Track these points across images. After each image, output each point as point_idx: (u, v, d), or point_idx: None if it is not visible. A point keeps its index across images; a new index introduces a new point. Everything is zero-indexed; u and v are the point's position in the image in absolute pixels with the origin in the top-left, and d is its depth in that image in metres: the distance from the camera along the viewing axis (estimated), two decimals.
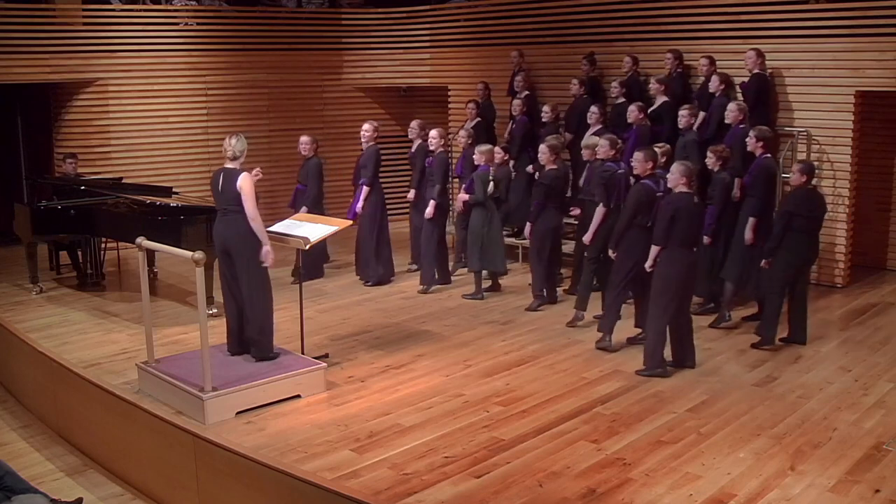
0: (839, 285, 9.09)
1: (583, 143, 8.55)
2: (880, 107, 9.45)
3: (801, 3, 9.07)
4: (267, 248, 6.29)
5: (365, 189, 9.17)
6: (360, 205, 9.18)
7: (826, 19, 8.87)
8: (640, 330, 7.32)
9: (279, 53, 12.48)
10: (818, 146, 9.04)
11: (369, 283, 9.44)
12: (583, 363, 6.97)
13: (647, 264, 6.65)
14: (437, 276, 9.27)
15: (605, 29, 10.55)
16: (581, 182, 8.71)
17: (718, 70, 9.13)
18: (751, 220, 7.55)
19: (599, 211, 7.67)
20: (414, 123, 9.70)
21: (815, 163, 8.47)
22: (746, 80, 8.95)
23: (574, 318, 7.87)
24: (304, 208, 9.06)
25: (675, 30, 9.93)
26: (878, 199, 9.86)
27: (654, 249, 6.58)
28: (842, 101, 8.83)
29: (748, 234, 7.54)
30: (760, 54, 8.85)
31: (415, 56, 12.81)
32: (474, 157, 8.80)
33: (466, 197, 8.73)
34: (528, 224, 8.31)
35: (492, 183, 8.69)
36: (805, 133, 9.06)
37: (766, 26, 9.21)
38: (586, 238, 7.82)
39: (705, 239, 7.65)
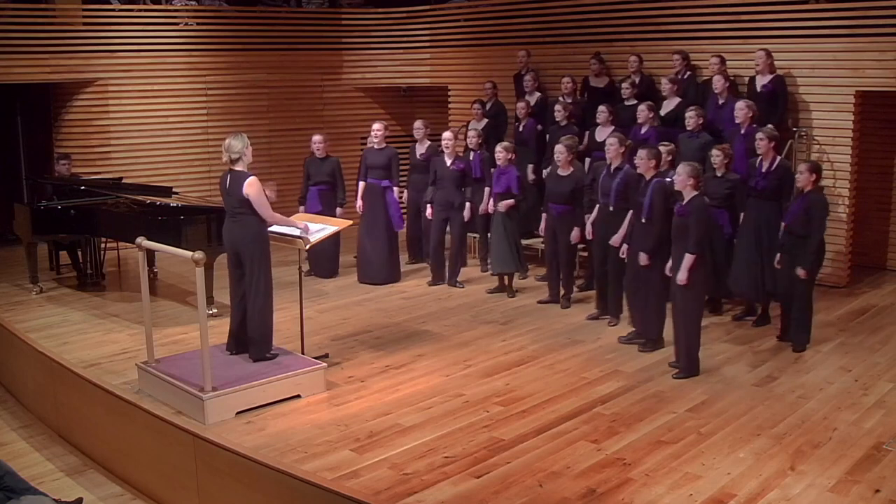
0: (839, 285, 9.09)
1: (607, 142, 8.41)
2: (880, 107, 9.45)
3: (801, 3, 9.07)
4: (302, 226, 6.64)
5: (396, 190, 9.31)
6: (396, 209, 9.33)
7: (826, 19, 8.86)
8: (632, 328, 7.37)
9: (279, 53, 12.48)
10: (818, 146, 9.05)
11: (385, 283, 9.46)
12: (583, 363, 6.97)
13: (684, 277, 6.40)
14: (447, 276, 9.36)
15: (606, 29, 10.55)
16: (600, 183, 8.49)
17: (724, 70, 9.06)
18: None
19: (631, 216, 7.33)
20: (419, 123, 9.69)
21: (819, 162, 8.45)
22: (766, 82, 8.84)
23: (609, 321, 7.89)
24: (339, 210, 9.13)
25: (676, 30, 9.93)
26: (878, 199, 9.86)
27: (689, 259, 6.35)
28: (842, 101, 8.83)
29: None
30: (770, 54, 8.81)
31: (415, 56, 12.81)
32: (498, 155, 8.68)
33: (512, 202, 8.60)
34: (576, 229, 8.07)
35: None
36: (805, 133, 9.07)
37: (767, 26, 9.20)
38: (615, 240, 7.48)
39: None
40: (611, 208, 7.58)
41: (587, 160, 9.35)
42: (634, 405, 6.10)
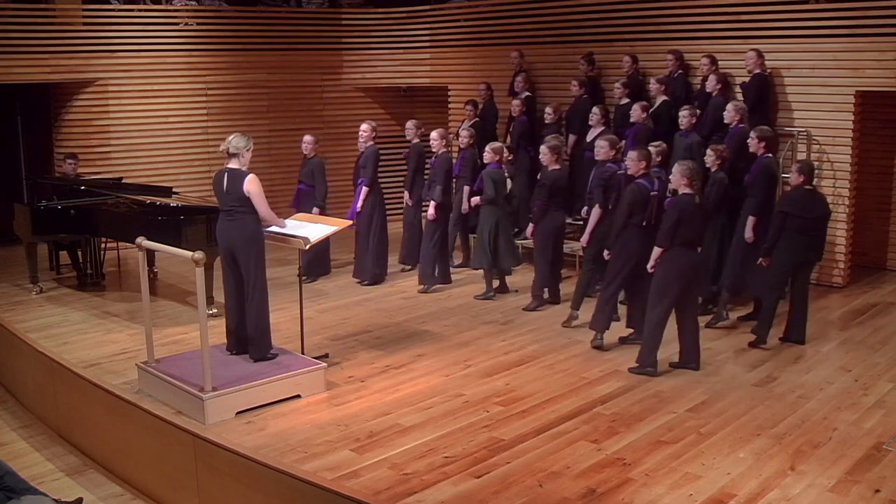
0: (839, 285, 9.09)
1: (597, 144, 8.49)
2: (880, 107, 9.45)
3: (801, 3, 9.07)
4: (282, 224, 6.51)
5: (364, 189, 9.20)
6: (359, 204, 9.21)
7: (826, 19, 8.87)
8: (631, 329, 7.37)
9: (279, 53, 12.49)
10: (818, 146, 9.05)
11: (365, 283, 9.46)
12: (583, 363, 6.97)
13: (649, 265, 6.62)
14: (437, 276, 9.27)
15: (604, 29, 10.56)
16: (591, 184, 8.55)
17: (717, 70, 9.13)
18: (751, 218, 7.57)
19: (596, 212, 7.64)
20: (410, 123, 9.72)
21: (815, 163, 8.47)
22: (747, 80, 8.95)
23: (569, 318, 7.89)
24: (315, 210, 9.05)
25: (674, 30, 9.93)
26: (878, 199, 9.86)
27: (656, 251, 6.56)
28: (842, 101, 8.84)
29: (748, 233, 7.57)
30: (760, 55, 8.85)
31: (415, 56, 12.81)
32: (485, 155, 8.75)
33: (478, 199, 8.70)
34: (531, 225, 8.27)
35: (509, 181, 8.72)
36: (805, 133, 9.07)
37: (766, 26, 9.21)
38: (583, 240, 7.77)
39: None
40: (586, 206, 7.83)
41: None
42: (634, 405, 6.10)
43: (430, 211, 9.05)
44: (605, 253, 7.18)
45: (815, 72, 8.96)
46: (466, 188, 9.15)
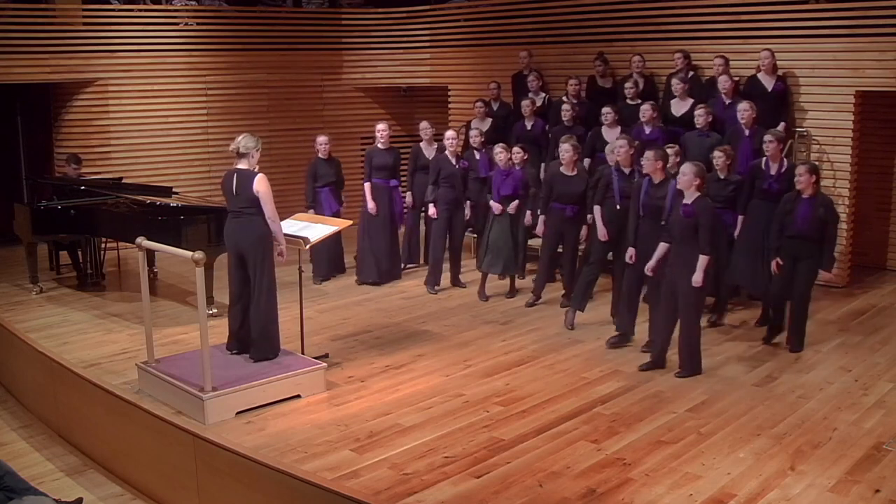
0: (839, 285, 9.08)
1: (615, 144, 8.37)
2: (880, 107, 9.45)
3: (801, 3, 9.08)
4: (282, 247, 6.38)
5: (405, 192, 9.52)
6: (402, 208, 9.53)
7: (826, 19, 8.87)
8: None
9: (279, 53, 12.48)
10: (818, 146, 9.05)
11: (385, 282, 9.51)
12: (583, 363, 6.97)
13: (699, 278, 6.33)
14: (451, 276, 9.41)
15: (605, 29, 10.55)
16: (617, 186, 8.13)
17: (729, 70, 9.07)
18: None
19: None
20: (427, 124, 9.69)
21: (816, 163, 8.46)
22: (776, 80, 8.86)
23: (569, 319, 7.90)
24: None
25: (676, 30, 9.93)
26: (878, 199, 9.86)
27: (705, 260, 6.31)
28: (842, 101, 8.84)
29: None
30: (773, 54, 8.80)
31: (415, 56, 12.81)
32: (499, 157, 8.65)
33: (498, 205, 8.60)
34: (585, 227, 8.12)
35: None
36: (805, 133, 9.07)
37: (767, 26, 9.21)
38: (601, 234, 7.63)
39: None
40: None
41: (587, 160, 9.35)
42: (634, 405, 6.10)
43: (468, 211, 9.18)
44: (629, 256, 7.01)
45: (815, 72, 8.96)
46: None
